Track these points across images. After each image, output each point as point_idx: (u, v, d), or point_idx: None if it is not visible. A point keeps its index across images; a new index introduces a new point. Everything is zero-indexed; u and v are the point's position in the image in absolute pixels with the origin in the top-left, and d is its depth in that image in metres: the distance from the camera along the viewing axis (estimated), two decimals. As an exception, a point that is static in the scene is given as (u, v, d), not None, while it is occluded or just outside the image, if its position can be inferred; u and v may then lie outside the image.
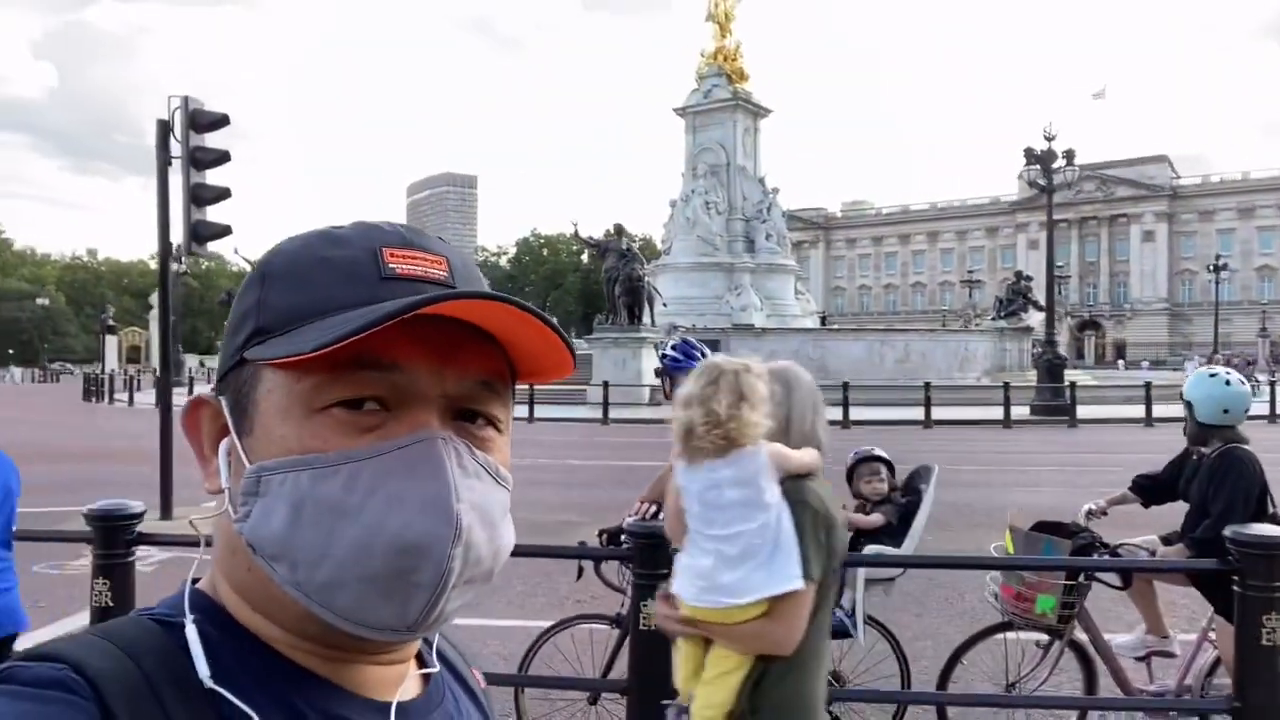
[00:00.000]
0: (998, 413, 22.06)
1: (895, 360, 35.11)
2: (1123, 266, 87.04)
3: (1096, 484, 11.66)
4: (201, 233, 8.61)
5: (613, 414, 22.41)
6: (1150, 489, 4.07)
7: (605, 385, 23.15)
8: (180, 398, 29.39)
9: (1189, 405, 3.84)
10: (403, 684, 0.65)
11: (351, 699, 0.61)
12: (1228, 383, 3.81)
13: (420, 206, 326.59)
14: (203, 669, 0.55)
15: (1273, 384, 24.07)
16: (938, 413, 22.71)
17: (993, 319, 37.32)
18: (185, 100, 8.53)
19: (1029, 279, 38.88)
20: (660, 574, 2.95)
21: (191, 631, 0.57)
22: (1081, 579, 3.72)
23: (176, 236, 8.79)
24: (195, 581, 0.63)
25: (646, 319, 29.32)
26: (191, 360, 53.78)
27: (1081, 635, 3.88)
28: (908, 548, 3.84)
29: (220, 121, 8.66)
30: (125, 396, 33.74)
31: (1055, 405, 22.71)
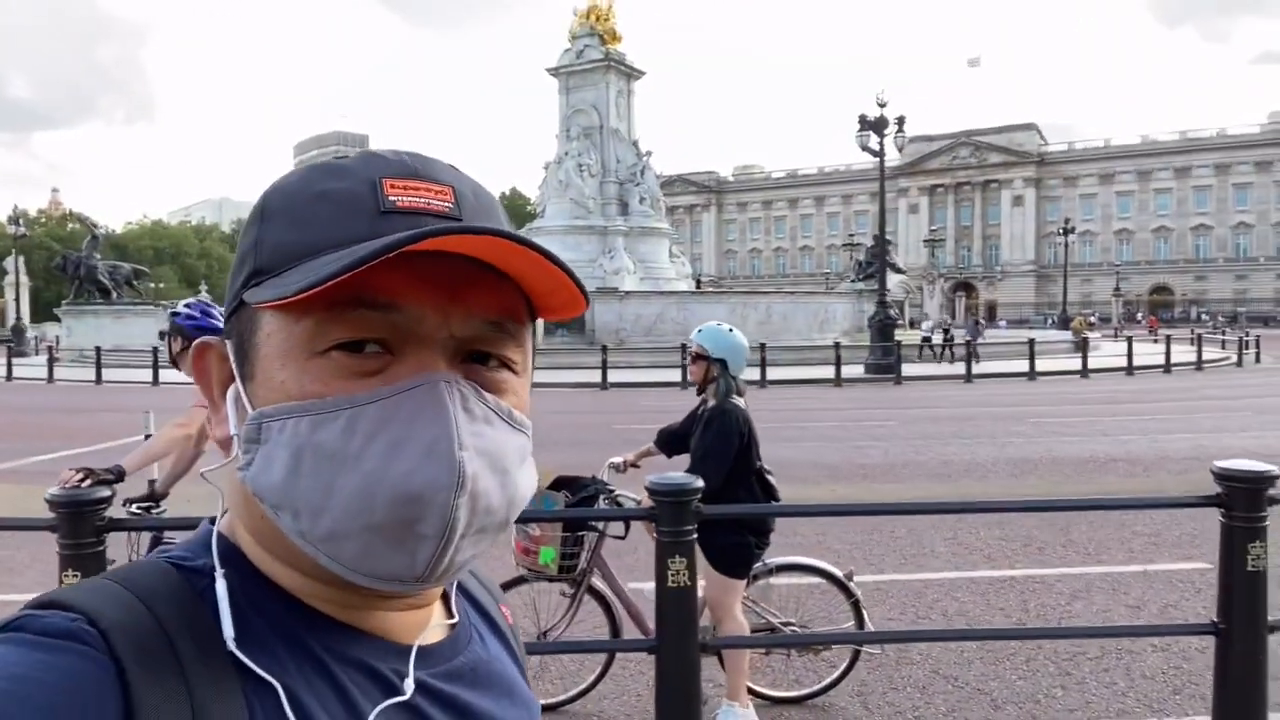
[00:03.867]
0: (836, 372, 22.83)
1: (757, 322, 35.60)
2: (994, 230, 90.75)
3: (852, 437, 12.27)
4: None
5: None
6: (669, 441, 4.26)
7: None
8: (21, 367, 27.41)
9: (721, 362, 3.95)
10: (426, 627, 0.63)
11: (372, 642, 0.59)
12: (731, 330, 4.00)
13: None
14: (228, 630, 0.53)
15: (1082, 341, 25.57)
16: (780, 373, 23.47)
17: (851, 281, 38.43)
18: None
19: (888, 242, 40.22)
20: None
21: (221, 588, 0.55)
22: (582, 530, 3.89)
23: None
24: (213, 521, 0.61)
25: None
26: (52, 329, 49.03)
27: (600, 584, 4.06)
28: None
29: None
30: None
31: (885, 364, 23.62)
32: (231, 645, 0.53)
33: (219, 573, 0.56)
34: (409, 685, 0.59)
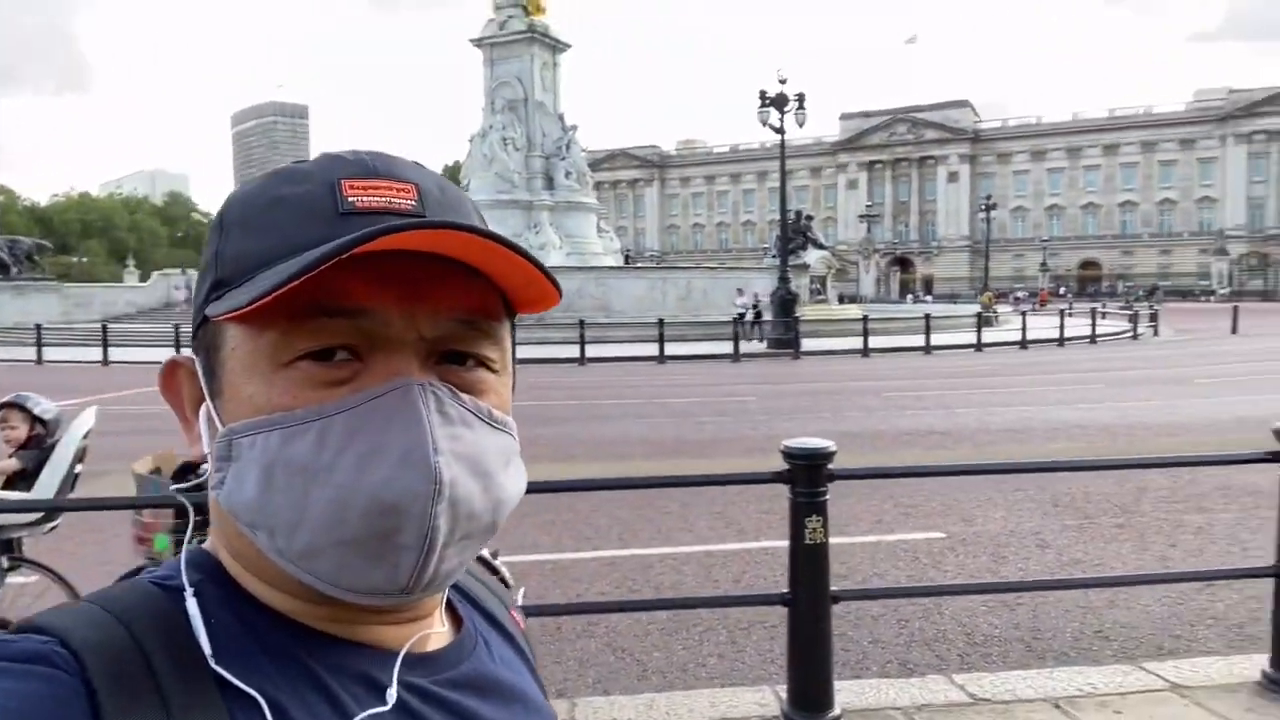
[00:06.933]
0: (742, 346, 23.05)
1: (678, 297, 35.84)
2: (931, 206, 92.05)
3: (702, 413, 12.41)
4: None
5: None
6: None
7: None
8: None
9: None
10: (424, 635, 0.61)
11: (367, 653, 0.57)
12: None
13: (247, 137, 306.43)
14: (205, 646, 0.52)
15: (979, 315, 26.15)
16: (686, 348, 23.65)
17: (772, 257, 38.70)
18: None
19: (809, 218, 40.79)
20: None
21: (191, 604, 0.53)
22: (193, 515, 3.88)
23: None
24: (201, 541, 0.61)
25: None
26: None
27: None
28: (41, 492, 3.89)
29: None
30: None
31: (786, 339, 23.93)
32: (210, 661, 0.52)
33: (188, 591, 0.55)
34: (391, 694, 0.56)
